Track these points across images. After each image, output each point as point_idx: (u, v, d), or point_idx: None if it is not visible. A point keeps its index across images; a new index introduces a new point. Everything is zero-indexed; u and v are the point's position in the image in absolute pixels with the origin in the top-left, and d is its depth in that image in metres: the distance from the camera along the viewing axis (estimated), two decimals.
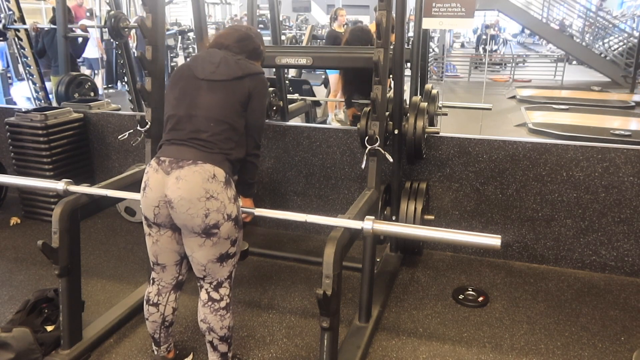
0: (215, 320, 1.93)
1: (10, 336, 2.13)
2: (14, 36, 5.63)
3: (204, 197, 1.77)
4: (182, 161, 1.81)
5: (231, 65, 1.89)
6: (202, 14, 2.98)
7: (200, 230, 1.80)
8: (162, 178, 1.82)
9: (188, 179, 1.78)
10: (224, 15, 19.04)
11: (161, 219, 1.87)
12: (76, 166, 3.83)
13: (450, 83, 11.88)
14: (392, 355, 2.30)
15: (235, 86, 1.88)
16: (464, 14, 2.88)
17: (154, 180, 1.84)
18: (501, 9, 12.43)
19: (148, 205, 1.87)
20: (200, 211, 1.77)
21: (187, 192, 1.77)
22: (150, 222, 1.90)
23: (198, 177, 1.78)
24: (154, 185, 1.84)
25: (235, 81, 1.88)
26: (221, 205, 1.80)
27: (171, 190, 1.79)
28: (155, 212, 1.86)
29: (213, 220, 1.79)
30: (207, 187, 1.78)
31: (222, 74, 1.88)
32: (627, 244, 2.93)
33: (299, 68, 6.45)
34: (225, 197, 1.82)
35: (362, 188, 3.23)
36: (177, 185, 1.78)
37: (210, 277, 1.92)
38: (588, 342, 2.40)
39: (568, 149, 2.90)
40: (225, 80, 1.87)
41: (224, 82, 1.87)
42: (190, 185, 1.77)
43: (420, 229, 1.94)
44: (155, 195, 1.83)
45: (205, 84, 1.88)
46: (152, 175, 1.85)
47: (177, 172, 1.80)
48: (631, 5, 18.88)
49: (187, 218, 1.79)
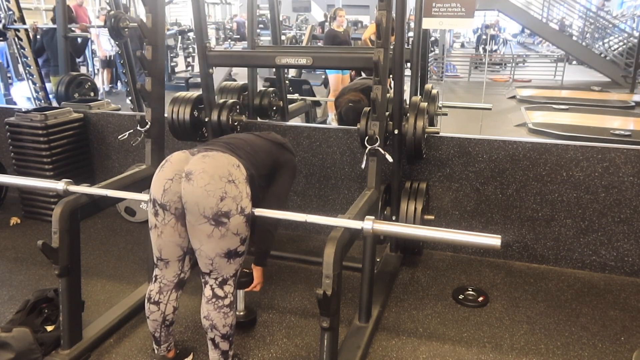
0: (219, 318, 1.93)
1: (10, 336, 2.14)
2: (14, 36, 5.63)
3: (226, 178, 1.80)
4: (211, 150, 1.90)
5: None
6: (202, 14, 2.97)
7: (211, 214, 1.78)
8: (187, 157, 1.89)
9: (216, 157, 1.85)
10: (224, 15, 19.06)
11: (168, 197, 1.84)
12: (76, 166, 3.83)
13: (450, 83, 11.88)
14: (392, 355, 2.31)
15: (270, 149, 2.13)
16: (464, 14, 2.88)
17: (177, 157, 1.90)
18: (501, 9, 12.42)
19: (160, 179, 1.86)
20: (217, 191, 1.77)
21: (211, 167, 1.81)
22: (157, 204, 1.87)
23: (225, 160, 1.85)
24: (175, 160, 1.89)
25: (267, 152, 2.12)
26: (238, 195, 1.81)
27: (194, 164, 1.83)
28: (165, 187, 1.84)
29: (226, 207, 1.78)
30: (232, 171, 1.83)
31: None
32: (627, 244, 2.94)
33: (299, 68, 6.45)
34: (245, 189, 1.85)
35: (362, 188, 3.23)
36: (203, 160, 1.84)
37: (217, 272, 1.91)
38: (588, 342, 2.40)
39: (568, 149, 2.90)
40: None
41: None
42: (217, 163, 1.83)
43: (420, 229, 1.94)
44: (174, 168, 1.86)
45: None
46: (175, 154, 1.92)
47: (204, 152, 1.88)
48: (631, 5, 18.88)
49: (202, 194, 1.77)
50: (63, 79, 4.86)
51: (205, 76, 3.02)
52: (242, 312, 2.46)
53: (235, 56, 3.56)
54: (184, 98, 3.12)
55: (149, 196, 1.92)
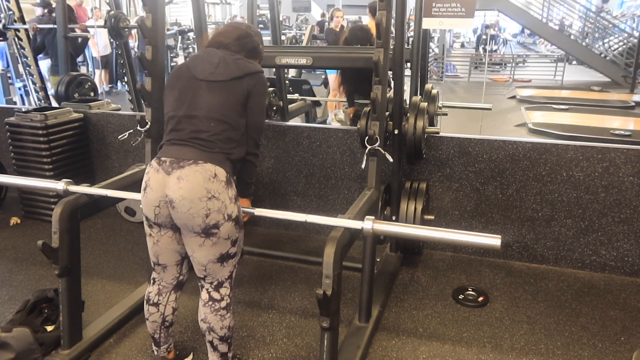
0: (216, 320, 1.93)
1: (10, 336, 2.14)
2: (14, 36, 5.63)
3: (205, 197, 1.77)
4: (183, 161, 1.81)
5: (230, 65, 1.89)
6: (202, 14, 2.98)
7: (200, 230, 1.80)
8: (163, 178, 1.82)
9: (189, 178, 1.78)
10: (224, 15, 19.05)
11: (162, 219, 1.87)
12: (76, 166, 3.83)
13: (450, 83, 11.88)
14: (392, 355, 2.30)
15: (234, 86, 1.88)
16: (464, 14, 2.88)
17: (155, 180, 1.84)
18: (501, 9, 12.42)
19: (149, 205, 1.87)
20: (201, 211, 1.77)
21: (188, 191, 1.77)
22: (151, 222, 1.90)
23: (199, 176, 1.78)
24: (154, 186, 1.84)
25: (235, 81, 1.88)
26: (222, 205, 1.80)
27: (172, 190, 1.79)
28: (156, 212, 1.86)
29: (213, 220, 1.79)
30: (209, 186, 1.78)
31: (220, 74, 1.88)
32: (627, 244, 2.93)
33: (299, 68, 6.45)
34: (227, 196, 1.82)
35: (362, 188, 3.23)
36: (179, 185, 1.78)
37: (211, 277, 1.92)
38: (588, 342, 2.40)
39: (568, 149, 2.90)
40: (224, 80, 1.88)
41: (223, 83, 1.88)
42: (192, 185, 1.77)
43: (420, 229, 1.94)
44: (156, 195, 1.83)
45: (205, 85, 1.88)
46: (152, 176, 1.85)
47: (178, 172, 1.80)
48: (631, 5, 18.88)
49: (187, 218, 1.79)
50: (63, 79, 4.86)
51: None
52: None
53: None
54: None
55: (142, 212, 1.92)
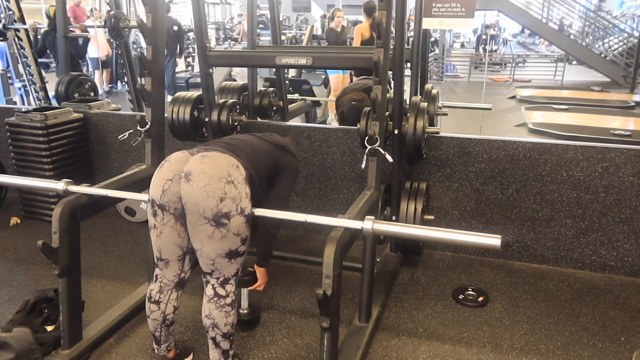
0: (220, 317, 1.93)
1: (10, 336, 2.14)
2: (14, 36, 5.63)
3: (225, 179, 1.80)
4: (210, 151, 1.90)
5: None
6: (202, 14, 2.97)
7: (211, 215, 1.78)
8: (186, 157, 1.89)
9: (214, 158, 1.85)
10: (224, 15, 19.06)
11: (167, 198, 1.84)
12: (76, 166, 3.83)
13: (450, 83, 11.89)
14: (392, 355, 2.31)
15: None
16: (464, 14, 2.88)
17: (176, 157, 1.91)
18: (501, 9, 12.43)
19: (159, 180, 1.87)
20: (217, 192, 1.77)
21: (210, 168, 1.81)
22: (155, 205, 1.88)
23: (224, 160, 1.85)
24: (174, 160, 1.89)
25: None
26: (238, 196, 1.82)
27: (193, 164, 1.83)
28: (164, 188, 1.84)
29: (226, 208, 1.79)
30: (231, 171, 1.83)
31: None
32: (627, 244, 2.94)
33: (299, 68, 6.45)
34: (244, 189, 1.85)
35: (362, 188, 3.23)
36: (202, 160, 1.84)
37: (218, 272, 1.91)
38: (588, 342, 2.40)
39: (568, 149, 2.90)
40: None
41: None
42: (216, 164, 1.83)
43: (420, 229, 1.94)
44: (173, 168, 1.86)
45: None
46: (175, 155, 1.93)
47: (203, 152, 1.88)
48: (631, 5, 18.89)
49: (201, 195, 1.77)
50: (63, 79, 4.86)
51: (205, 76, 3.02)
52: (245, 310, 2.46)
53: (235, 56, 3.56)
54: (184, 98, 3.12)
55: (148, 197, 1.92)
